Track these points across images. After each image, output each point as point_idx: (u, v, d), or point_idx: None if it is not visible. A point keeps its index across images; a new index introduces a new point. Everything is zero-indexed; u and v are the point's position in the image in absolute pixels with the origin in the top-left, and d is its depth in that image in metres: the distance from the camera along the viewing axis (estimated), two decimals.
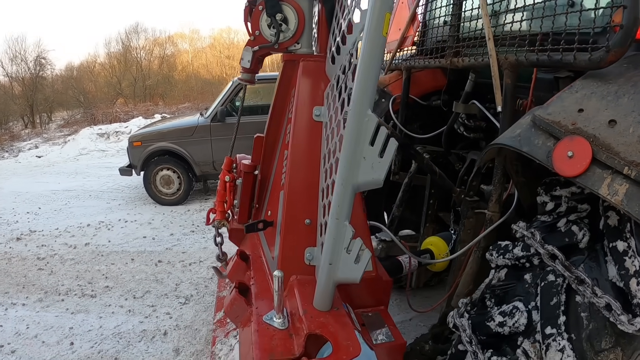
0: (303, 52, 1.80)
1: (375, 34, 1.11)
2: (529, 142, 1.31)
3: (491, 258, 1.46)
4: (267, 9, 1.74)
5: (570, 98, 1.31)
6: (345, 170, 1.18)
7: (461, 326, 1.36)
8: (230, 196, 1.97)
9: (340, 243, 1.22)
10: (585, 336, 1.12)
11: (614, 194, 1.05)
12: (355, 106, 1.16)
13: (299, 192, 1.55)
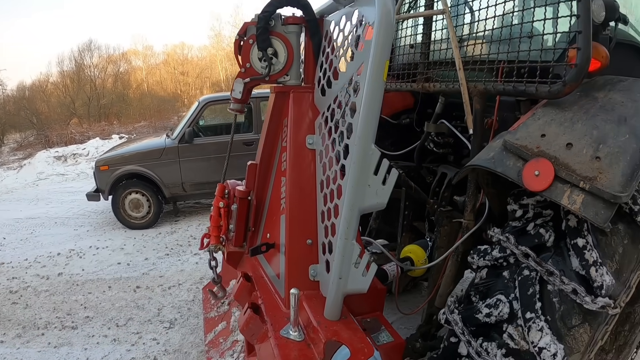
0: (292, 84, 1.94)
1: (376, 80, 1.27)
2: (502, 164, 1.54)
3: (472, 260, 1.69)
4: (259, 44, 1.86)
5: (534, 125, 1.57)
6: (352, 196, 1.33)
7: (453, 320, 1.57)
8: (225, 221, 2.06)
9: (349, 259, 1.37)
10: (559, 317, 1.38)
11: (573, 203, 1.33)
12: (360, 141, 1.31)
13: (299, 216, 1.67)
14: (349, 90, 1.55)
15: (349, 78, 1.56)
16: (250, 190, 1.99)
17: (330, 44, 1.81)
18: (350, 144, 1.44)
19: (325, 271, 1.56)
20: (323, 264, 1.57)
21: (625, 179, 1.28)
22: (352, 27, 1.60)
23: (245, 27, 1.93)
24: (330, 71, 1.76)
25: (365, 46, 1.49)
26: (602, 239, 1.39)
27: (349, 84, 1.56)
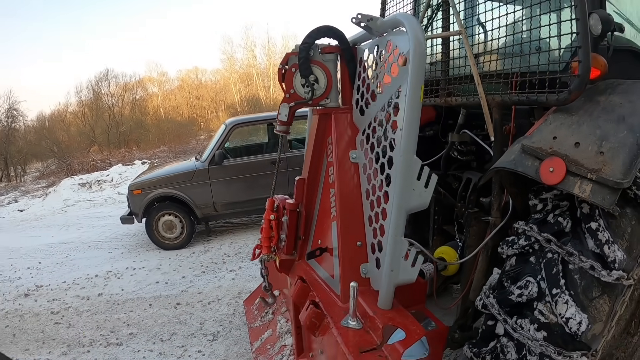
0: (332, 106, 2.22)
1: (414, 101, 1.56)
2: (522, 164, 1.82)
3: (502, 250, 1.96)
4: (302, 72, 2.14)
5: (547, 129, 1.86)
6: (399, 199, 1.60)
7: (489, 304, 1.82)
8: (276, 232, 2.32)
9: (399, 253, 1.63)
10: (581, 290, 1.63)
11: (583, 192, 1.61)
12: (404, 153, 1.59)
13: (348, 221, 1.94)
14: (389, 110, 1.82)
15: (388, 100, 1.84)
16: (299, 203, 2.26)
17: (366, 70, 2.10)
18: (394, 156, 1.71)
19: (375, 268, 1.81)
20: (373, 262, 1.83)
21: (625, 168, 1.56)
22: (387, 55, 1.88)
23: (287, 58, 2.22)
24: (368, 94, 2.03)
25: (401, 72, 1.77)
26: (612, 221, 1.64)
27: (388, 105, 1.83)
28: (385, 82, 1.88)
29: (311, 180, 2.21)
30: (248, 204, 6.40)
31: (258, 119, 6.93)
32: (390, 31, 1.91)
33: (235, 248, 6.05)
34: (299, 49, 2.14)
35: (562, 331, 1.64)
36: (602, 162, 1.60)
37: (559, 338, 1.64)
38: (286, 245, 2.29)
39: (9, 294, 5.31)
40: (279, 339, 2.88)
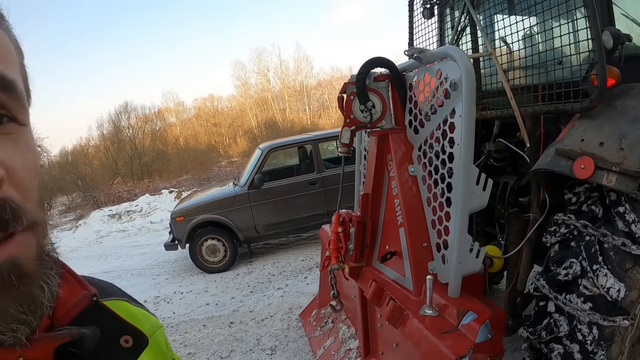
0: (388, 127, 2.57)
1: (469, 121, 1.93)
2: (557, 164, 2.19)
3: (546, 240, 2.34)
4: (360, 99, 2.51)
5: (575, 133, 2.24)
6: (462, 201, 1.95)
7: (541, 285, 2.19)
8: (344, 243, 2.66)
9: (466, 247, 1.98)
10: (616, 264, 1.98)
11: (610, 182, 1.97)
12: (463, 164, 1.95)
13: (414, 226, 2.28)
14: (445, 128, 2.17)
15: (443, 119, 2.19)
16: (364, 215, 2.60)
17: (417, 94, 2.46)
18: (454, 167, 2.06)
19: (442, 264, 2.15)
20: (439, 259, 2.17)
21: None
22: (437, 81, 2.24)
23: (345, 87, 2.59)
24: (421, 115, 2.39)
25: (452, 95, 2.13)
26: (636, 205, 2.02)
27: (443, 124, 2.19)
28: (438, 105, 2.24)
29: (374, 194, 2.55)
30: (288, 224, 6.76)
31: (291, 142, 7.36)
32: (439, 61, 2.28)
33: (279, 267, 6.39)
34: (356, 79, 2.51)
35: (604, 300, 1.99)
36: (623, 157, 1.98)
37: (603, 306, 2.00)
38: (354, 254, 2.62)
39: None
40: (343, 344, 3.18)
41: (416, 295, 2.16)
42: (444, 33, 4.04)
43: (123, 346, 0.58)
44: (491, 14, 3.33)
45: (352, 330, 3.22)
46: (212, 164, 22.30)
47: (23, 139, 0.49)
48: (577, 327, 2.03)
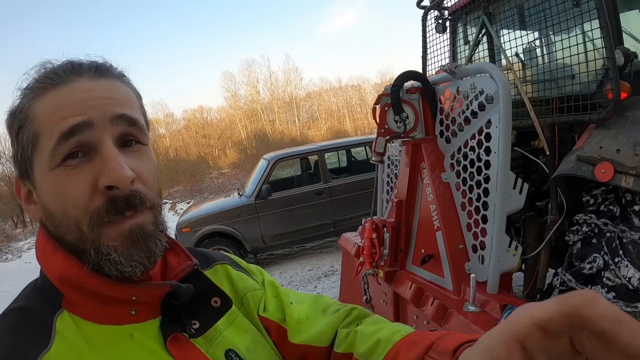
0: (420, 137, 2.76)
1: (507, 131, 2.13)
2: (580, 169, 2.44)
3: (569, 238, 2.60)
4: (395, 110, 2.68)
5: (593, 142, 2.47)
6: (501, 204, 2.15)
7: (567, 279, 2.45)
8: (378, 249, 2.82)
9: (504, 247, 2.17)
10: (635, 256, 2.23)
11: (628, 184, 2.21)
12: (502, 170, 2.14)
13: (451, 230, 2.46)
14: (480, 138, 2.37)
15: (478, 130, 2.38)
16: (399, 221, 2.77)
17: (449, 106, 2.65)
18: (491, 173, 2.26)
19: (479, 263, 2.33)
20: (476, 259, 2.35)
21: None
22: (472, 95, 2.44)
23: (379, 98, 2.76)
24: (454, 126, 2.58)
25: (487, 108, 2.33)
26: None
27: (478, 133, 2.38)
28: (472, 116, 2.44)
29: (408, 200, 2.73)
30: (295, 234, 6.91)
31: (298, 153, 7.54)
32: (473, 75, 2.48)
33: (287, 277, 6.52)
34: (391, 91, 2.69)
35: (626, 289, 2.24)
36: (638, 161, 2.22)
37: (625, 294, 2.25)
38: (389, 259, 2.79)
39: None
40: None
41: (456, 294, 2.33)
42: (456, 47, 4.28)
43: (213, 305, 0.78)
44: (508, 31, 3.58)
45: None
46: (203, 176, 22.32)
47: (145, 153, 0.74)
48: None
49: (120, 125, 0.69)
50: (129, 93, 0.75)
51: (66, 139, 0.65)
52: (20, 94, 0.71)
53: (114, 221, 0.66)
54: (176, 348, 0.70)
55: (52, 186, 0.67)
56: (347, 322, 0.91)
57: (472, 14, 3.88)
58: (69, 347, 0.63)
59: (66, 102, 0.67)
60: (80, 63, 0.72)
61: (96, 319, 0.68)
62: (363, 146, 8.07)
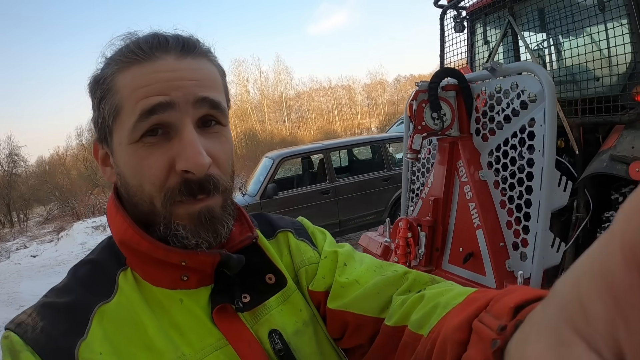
0: (455, 135, 2.80)
1: (552, 129, 2.19)
2: (613, 168, 2.52)
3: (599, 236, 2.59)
4: (433, 107, 2.71)
5: (625, 141, 2.56)
6: (546, 202, 2.20)
7: None
8: (413, 248, 2.84)
9: (548, 243, 2.22)
10: None
11: None
12: (548, 168, 2.20)
13: (491, 228, 2.50)
14: (522, 136, 2.42)
15: (519, 128, 2.43)
16: (435, 219, 2.81)
17: (486, 104, 2.69)
18: (534, 171, 2.31)
19: (519, 261, 2.38)
20: (516, 257, 2.41)
21: None
22: (513, 94, 2.49)
23: (417, 95, 2.78)
24: (492, 124, 2.63)
25: (530, 107, 2.39)
26: None
27: (520, 132, 2.43)
28: (514, 115, 2.49)
29: (445, 198, 2.77)
30: None
31: (303, 151, 7.55)
32: (514, 75, 2.53)
33: None
34: (429, 87, 2.72)
35: None
36: None
37: None
38: (424, 258, 2.82)
39: None
40: None
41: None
42: (474, 46, 4.34)
43: (267, 282, 0.77)
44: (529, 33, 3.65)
45: None
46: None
47: (223, 134, 0.74)
48: None
49: (202, 108, 0.70)
50: (214, 72, 0.75)
51: (147, 117, 0.66)
52: (105, 62, 0.72)
53: (185, 201, 0.68)
54: (222, 319, 0.72)
55: (130, 159, 0.69)
56: (403, 289, 0.77)
57: (493, 14, 3.95)
58: (127, 302, 0.68)
59: (150, 81, 0.67)
60: (166, 38, 0.71)
61: (151, 280, 0.72)
62: (367, 146, 8.12)
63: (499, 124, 2.60)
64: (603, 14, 2.86)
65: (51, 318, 0.64)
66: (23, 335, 0.62)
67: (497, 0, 3.66)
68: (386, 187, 7.63)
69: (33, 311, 0.66)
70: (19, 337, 0.62)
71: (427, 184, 3.06)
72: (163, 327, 0.68)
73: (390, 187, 7.64)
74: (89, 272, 0.73)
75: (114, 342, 0.64)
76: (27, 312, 0.66)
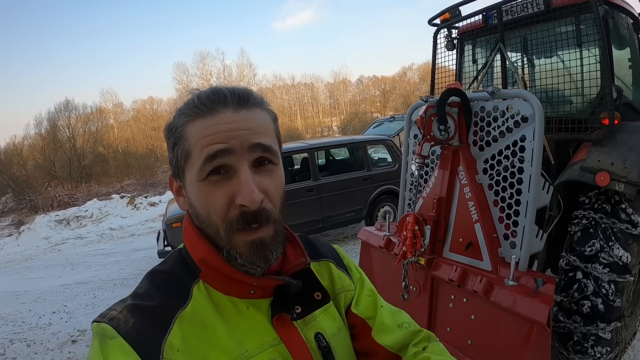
0: (456, 145, 3.44)
1: (539, 144, 2.85)
2: (583, 176, 3.24)
3: (571, 229, 3.41)
4: (440, 120, 3.33)
5: (592, 156, 3.29)
6: (533, 201, 2.88)
7: (573, 260, 3.25)
8: (419, 240, 3.45)
9: (533, 234, 2.90)
10: (623, 240, 3.09)
11: (620, 188, 3.07)
12: (535, 175, 2.87)
13: (486, 222, 3.16)
14: (515, 149, 3.08)
15: (512, 142, 3.10)
16: (438, 214, 3.44)
17: (484, 120, 3.35)
18: (523, 177, 2.98)
19: (510, 249, 3.04)
20: (507, 245, 3.07)
21: (638, 174, 3.08)
22: (508, 114, 3.15)
23: (427, 109, 3.38)
24: (488, 137, 3.29)
25: (522, 126, 3.05)
26: (632, 202, 3.20)
27: (513, 145, 3.10)
28: (507, 132, 3.15)
29: (447, 197, 3.41)
30: None
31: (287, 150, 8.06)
32: (510, 98, 3.19)
33: None
34: (439, 104, 3.32)
35: (617, 265, 3.09)
36: (627, 172, 3.09)
37: (617, 269, 3.10)
38: (428, 248, 3.45)
39: (50, 343, 5.35)
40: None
41: (494, 274, 3.02)
42: (462, 66, 5.04)
43: (315, 298, 0.99)
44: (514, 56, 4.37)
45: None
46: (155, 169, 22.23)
47: (275, 172, 0.90)
48: (601, 285, 3.13)
49: (256, 152, 0.86)
50: (266, 119, 0.91)
51: (211, 161, 0.83)
52: (177, 113, 0.91)
53: (242, 230, 0.85)
54: (280, 325, 0.92)
55: (199, 194, 0.86)
56: (416, 341, 1.10)
57: (482, 37, 4.64)
58: (200, 308, 0.86)
59: (212, 131, 0.84)
60: (225, 94, 0.87)
61: (223, 290, 0.91)
62: (349, 147, 8.77)
63: (494, 138, 3.26)
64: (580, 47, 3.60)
65: (140, 317, 0.81)
66: (116, 327, 0.78)
67: (489, 27, 4.35)
68: (366, 186, 8.36)
69: (123, 309, 0.83)
70: (112, 328, 0.78)
71: (428, 184, 3.69)
72: (230, 328, 0.86)
73: (369, 187, 8.39)
74: (166, 282, 0.90)
75: (188, 342, 0.81)
76: (117, 309, 0.83)
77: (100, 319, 0.81)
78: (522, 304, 2.65)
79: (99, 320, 0.81)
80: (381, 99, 58.58)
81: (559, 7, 3.69)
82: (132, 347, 0.75)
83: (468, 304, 3.14)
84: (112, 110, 30.90)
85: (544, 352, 2.59)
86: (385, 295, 1.24)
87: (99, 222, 13.38)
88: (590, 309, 3.14)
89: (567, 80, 3.79)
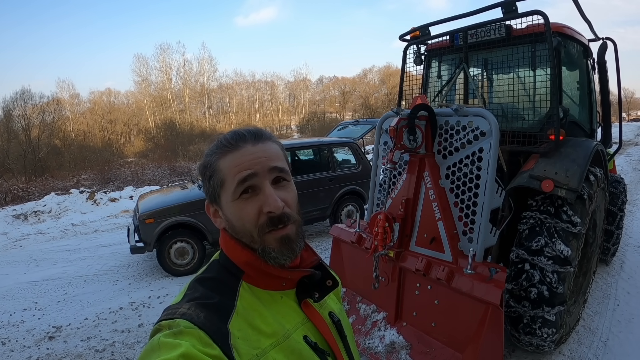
0: (423, 153, 4.00)
1: (494, 155, 3.47)
2: (531, 183, 3.86)
3: (520, 227, 4.00)
4: (410, 131, 3.87)
5: (540, 166, 3.93)
6: (488, 203, 3.48)
7: (521, 253, 3.84)
8: (389, 235, 3.97)
9: (488, 230, 3.50)
10: (564, 237, 3.73)
11: (562, 194, 3.72)
12: (490, 181, 3.48)
13: (448, 220, 3.73)
14: (473, 158, 3.66)
15: (472, 152, 3.68)
16: (406, 213, 3.97)
17: (448, 132, 3.92)
18: (480, 182, 3.56)
19: (468, 243, 3.63)
20: (465, 240, 3.65)
21: (578, 181, 3.71)
22: (469, 128, 3.72)
23: (399, 121, 3.92)
24: (451, 147, 3.87)
25: (480, 139, 3.63)
26: (572, 205, 3.77)
27: (472, 155, 3.68)
28: (468, 143, 3.73)
29: (414, 198, 3.96)
30: None
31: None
32: (471, 115, 3.77)
33: None
34: (409, 117, 3.86)
35: (559, 258, 3.69)
36: (569, 179, 3.71)
37: (559, 261, 3.69)
38: (397, 242, 3.97)
39: (25, 340, 5.30)
40: (367, 318, 4.22)
41: (454, 264, 3.59)
42: (428, 79, 5.62)
43: (327, 285, 1.22)
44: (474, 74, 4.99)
45: (372, 306, 4.27)
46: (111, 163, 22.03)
47: (289, 187, 1.14)
48: (545, 275, 3.73)
49: (274, 173, 1.09)
50: (277, 149, 1.15)
51: (242, 183, 1.06)
52: (207, 154, 1.14)
53: (272, 231, 1.06)
54: (305, 308, 1.16)
55: (234, 210, 1.08)
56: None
57: (448, 55, 5.24)
58: (247, 303, 1.06)
59: (240, 161, 1.07)
60: (244, 133, 1.12)
61: (263, 286, 1.11)
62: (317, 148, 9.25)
63: (456, 148, 3.84)
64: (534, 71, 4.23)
65: (208, 312, 0.96)
66: (190, 320, 0.93)
67: (455, 47, 4.94)
68: (331, 187, 8.87)
69: (190, 306, 0.97)
70: (187, 321, 0.92)
71: (396, 186, 4.24)
72: (273, 314, 1.07)
73: (334, 187, 8.92)
74: (217, 285, 1.07)
75: (244, 330, 0.99)
76: (185, 307, 0.97)
77: (171, 316, 0.95)
78: (479, 289, 3.22)
79: (169, 317, 0.94)
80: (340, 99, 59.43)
81: (518, 36, 4.32)
82: (208, 335, 0.90)
83: (432, 290, 3.70)
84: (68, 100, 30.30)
85: (498, 331, 3.17)
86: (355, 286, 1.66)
87: (59, 217, 13.22)
88: (537, 295, 3.74)
89: (521, 100, 4.46)
